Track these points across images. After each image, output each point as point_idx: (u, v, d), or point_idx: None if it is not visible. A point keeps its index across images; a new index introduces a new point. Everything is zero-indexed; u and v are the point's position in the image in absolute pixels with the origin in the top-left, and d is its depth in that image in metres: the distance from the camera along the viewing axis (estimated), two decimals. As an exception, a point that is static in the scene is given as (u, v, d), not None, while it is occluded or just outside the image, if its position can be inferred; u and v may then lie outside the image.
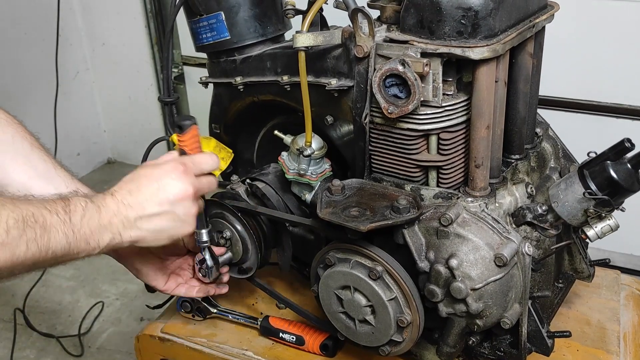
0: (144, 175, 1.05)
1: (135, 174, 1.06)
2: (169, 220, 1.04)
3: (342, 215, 1.11)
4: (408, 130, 1.14)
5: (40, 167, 1.14)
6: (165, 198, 1.03)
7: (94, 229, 0.96)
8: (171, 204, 1.04)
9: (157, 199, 1.03)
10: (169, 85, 1.40)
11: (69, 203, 0.95)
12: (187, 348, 1.39)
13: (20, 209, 0.87)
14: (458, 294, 1.06)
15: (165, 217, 1.04)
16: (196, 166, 1.09)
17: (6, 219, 0.84)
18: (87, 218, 0.95)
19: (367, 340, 1.19)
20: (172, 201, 1.04)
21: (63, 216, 0.92)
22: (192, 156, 1.11)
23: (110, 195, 1.01)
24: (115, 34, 3.33)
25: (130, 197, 1.01)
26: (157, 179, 1.04)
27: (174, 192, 1.04)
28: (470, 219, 1.10)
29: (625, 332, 1.36)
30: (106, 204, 0.99)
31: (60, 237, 0.91)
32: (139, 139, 3.50)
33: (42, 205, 0.91)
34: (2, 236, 0.83)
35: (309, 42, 1.15)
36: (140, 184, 1.03)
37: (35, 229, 0.88)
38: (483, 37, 1.05)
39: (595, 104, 2.29)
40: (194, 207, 1.07)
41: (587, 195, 1.12)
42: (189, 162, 1.08)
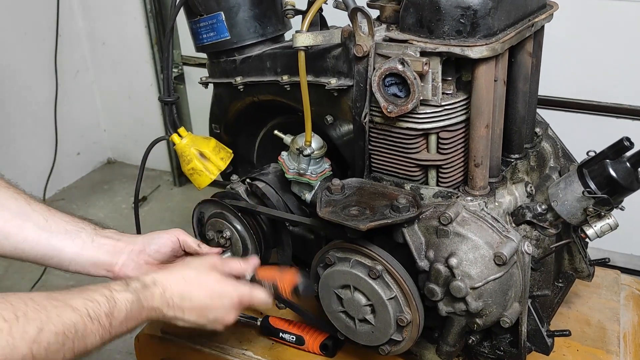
0: (204, 285, 1.09)
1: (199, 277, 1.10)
2: (196, 326, 1.10)
3: (341, 214, 1.11)
4: (407, 130, 1.14)
5: (13, 207, 1.13)
6: (206, 316, 1.09)
7: (131, 327, 1.00)
8: (208, 321, 1.10)
9: (199, 313, 1.08)
10: (169, 85, 1.40)
11: (114, 308, 0.96)
12: (187, 348, 1.39)
13: (63, 320, 0.88)
14: (458, 293, 1.06)
15: (194, 325, 1.09)
16: (251, 304, 1.14)
17: (48, 337, 0.85)
18: (128, 318, 0.98)
19: (367, 340, 1.19)
20: (210, 320, 1.10)
21: (104, 322, 0.94)
22: (253, 294, 1.14)
23: (161, 293, 1.03)
24: (115, 34, 3.33)
25: (179, 301, 1.05)
26: (212, 297, 1.09)
27: (217, 315, 1.10)
28: (470, 218, 1.10)
29: (625, 332, 1.36)
30: (153, 302, 1.02)
31: (96, 340, 0.93)
32: (139, 138, 3.50)
33: (85, 311, 0.91)
34: (41, 355, 0.85)
35: (309, 41, 1.15)
36: (194, 294, 1.07)
37: (74, 341, 0.89)
38: (482, 36, 1.05)
39: (595, 104, 2.29)
40: (222, 328, 1.13)
41: (587, 194, 1.12)
42: (247, 301, 1.13)
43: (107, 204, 3.26)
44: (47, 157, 3.22)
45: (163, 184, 3.43)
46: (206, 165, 1.39)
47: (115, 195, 3.35)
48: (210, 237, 1.35)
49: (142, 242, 1.22)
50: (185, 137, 1.39)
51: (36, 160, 3.16)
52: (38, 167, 3.16)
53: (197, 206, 1.38)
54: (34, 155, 3.15)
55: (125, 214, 3.15)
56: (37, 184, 3.12)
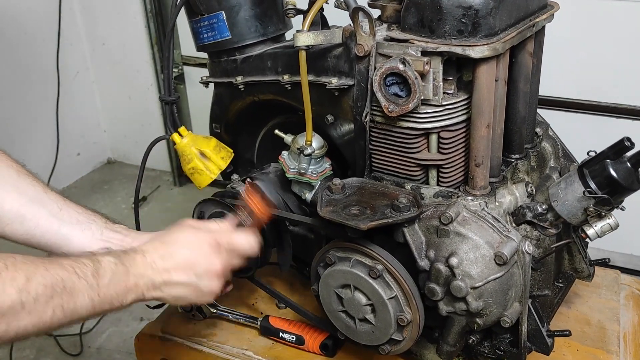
0: (180, 240, 1.09)
1: (173, 236, 1.10)
2: (191, 290, 1.09)
3: (342, 213, 1.11)
4: (408, 129, 1.14)
5: (31, 192, 1.14)
6: (192, 270, 1.07)
7: (120, 292, 0.99)
8: (197, 276, 1.08)
9: (184, 269, 1.07)
10: (169, 84, 1.40)
11: (99, 267, 0.97)
12: (187, 348, 1.39)
13: (51, 274, 0.89)
14: (458, 293, 1.06)
15: (188, 287, 1.08)
16: (231, 247, 1.13)
17: (36, 287, 0.87)
18: (115, 281, 0.98)
19: (367, 339, 1.19)
20: (198, 274, 1.08)
21: (91, 281, 0.94)
22: (231, 236, 1.14)
23: (142, 256, 1.04)
24: (115, 34, 3.33)
25: (160, 262, 1.05)
26: (191, 249, 1.09)
27: (202, 266, 1.08)
28: (471, 218, 1.10)
29: (625, 332, 1.36)
30: (135, 266, 1.02)
31: (86, 301, 0.93)
32: (139, 139, 3.50)
33: (72, 269, 0.93)
34: (30, 304, 0.86)
35: (310, 41, 1.15)
36: (173, 250, 1.07)
37: (63, 296, 0.90)
38: (483, 36, 1.05)
39: (595, 104, 2.29)
40: (218, 283, 1.11)
41: (587, 194, 1.12)
42: (224, 241, 1.12)
43: (107, 204, 3.26)
44: (48, 157, 3.23)
45: (163, 184, 3.44)
46: (207, 164, 1.39)
47: (115, 195, 3.35)
48: (210, 236, 1.35)
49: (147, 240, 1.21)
50: (185, 136, 1.39)
51: (37, 160, 3.16)
52: (39, 167, 3.15)
53: (197, 205, 1.38)
54: (34, 155, 3.15)
55: (125, 214, 3.15)
56: (37, 183, 3.12)
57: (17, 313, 0.84)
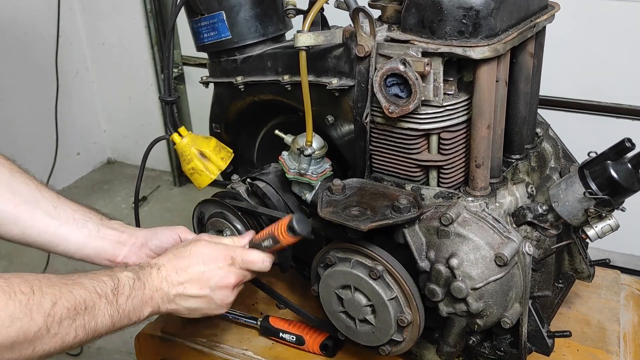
0: (195, 254, 1.11)
1: (188, 249, 1.12)
2: (205, 303, 1.11)
3: (342, 214, 1.11)
4: (409, 130, 1.14)
5: (24, 192, 1.15)
6: (206, 283, 1.10)
7: (137, 306, 1.02)
8: (211, 289, 1.10)
9: (199, 283, 1.09)
10: (169, 84, 1.40)
11: (119, 284, 0.99)
12: (187, 348, 1.39)
13: (74, 295, 0.91)
14: (458, 294, 1.06)
15: (202, 300, 1.10)
16: (245, 264, 1.14)
17: (61, 310, 0.89)
18: (132, 297, 1.01)
19: (367, 340, 1.19)
20: (212, 287, 1.10)
21: (111, 299, 0.97)
22: (245, 252, 1.15)
23: (157, 270, 1.07)
24: (115, 34, 3.33)
25: (175, 275, 1.08)
26: (205, 263, 1.10)
27: (216, 279, 1.10)
28: (471, 219, 1.10)
29: (625, 332, 1.36)
30: (151, 279, 1.05)
31: (106, 319, 0.96)
32: (139, 139, 3.50)
33: (93, 288, 0.95)
34: (54, 328, 0.88)
35: (310, 41, 1.15)
36: (188, 264, 1.09)
37: (85, 317, 0.92)
38: (484, 37, 1.05)
39: (595, 104, 2.29)
40: (232, 296, 1.13)
41: (588, 195, 1.12)
42: (239, 258, 1.13)
43: (107, 204, 3.26)
44: (48, 157, 3.23)
45: (163, 184, 3.44)
46: (206, 164, 1.39)
47: (115, 195, 3.35)
48: (210, 237, 1.35)
49: (144, 236, 1.24)
50: (185, 136, 1.39)
51: (37, 160, 3.16)
52: (38, 167, 3.15)
53: (197, 206, 1.38)
54: (34, 155, 3.15)
55: (125, 214, 3.15)
56: (37, 183, 3.12)
57: (43, 337, 0.86)
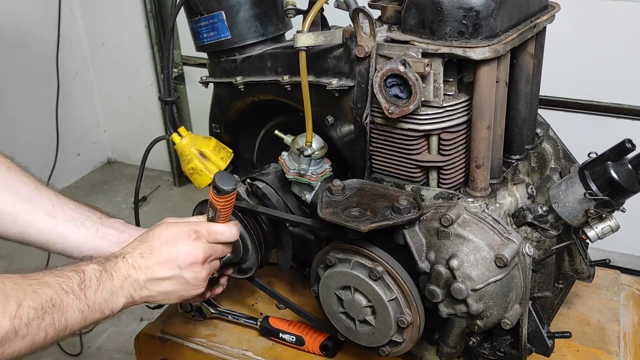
0: (158, 236, 1.09)
1: (151, 233, 1.10)
2: (177, 284, 1.08)
3: (342, 215, 1.11)
4: (409, 131, 1.14)
5: (23, 190, 1.14)
6: (174, 262, 1.07)
7: (108, 298, 1.00)
8: (180, 268, 1.08)
9: (166, 263, 1.07)
10: (169, 84, 1.40)
11: (84, 277, 0.97)
12: (187, 348, 1.39)
13: (39, 295, 0.90)
14: (459, 295, 1.06)
15: (173, 280, 1.08)
16: (211, 235, 1.12)
17: (27, 311, 0.87)
18: (101, 289, 0.99)
19: (367, 341, 1.19)
20: (180, 265, 1.08)
21: (78, 293, 0.95)
22: (209, 225, 1.13)
23: (122, 259, 1.05)
24: (115, 34, 3.33)
25: (141, 260, 1.05)
26: (169, 242, 1.08)
27: (183, 257, 1.08)
28: (471, 220, 1.10)
29: (625, 332, 1.36)
30: (118, 269, 1.03)
31: (76, 314, 0.94)
32: (139, 139, 3.50)
33: (59, 285, 0.93)
34: (22, 330, 0.86)
35: (310, 42, 1.15)
36: (152, 247, 1.07)
37: (53, 315, 0.91)
38: (484, 38, 1.05)
39: (595, 104, 2.29)
40: (204, 271, 1.11)
41: (588, 196, 1.12)
42: (203, 230, 1.11)
43: (107, 204, 3.26)
44: (48, 158, 3.23)
45: (163, 184, 3.44)
46: (206, 164, 1.39)
47: (115, 196, 3.35)
48: (210, 237, 1.35)
49: None
50: (185, 136, 1.39)
51: (37, 160, 3.15)
52: (38, 167, 3.15)
53: (197, 206, 1.38)
54: (34, 156, 3.15)
55: (125, 214, 3.15)
56: (37, 183, 3.12)
57: (11, 340, 0.85)
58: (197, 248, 1.09)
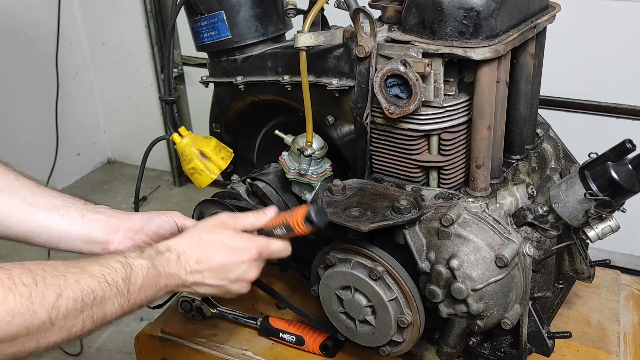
0: (219, 243, 1.06)
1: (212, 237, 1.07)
2: (220, 291, 1.08)
3: (342, 215, 1.11)
4: (409, 131, 1.14)
5: (2, 182, 1.10)
6: (226, 275, 1.06)
7: (150, 295, 0.98)
8: (230, 281, 1.07)
9: (219, 274, 1.05)
10: (169, 84, 1.40)
11: (131, 273, 0.94)
12: (187, 348, 1.39)
13: (81, 286, 0.87)
14: (459, 295, 1.06)
15: (219, 289, 1.07)
16: (271, 255, 1.11)
17: (66, 302, 0.84)
18: (146, 287, 0.96)
19: (367, 341, 1.19)
20: (231, 280, 1.07)
21: (122, 288, 0.92)
22: (269, 244, 1.11)
23: (176, 258, 1.02)
24: (115, 34, 3.33)
25: (195, 265, 1.03)
26: (229, 255, 1.06)
27: (238, 273, 1.07)
28: (471, 220, 1.10)
29: (625, 332, 1.36)
30: (169, 267, 1.00)
31: (115, 308, 0.92)
32: (139, 139, 3.50)
33: (103, 277, 0.90)
34: (60, 321, 0.83)
35: (310, 41, 1.15)
36: (210, 254, 1.05)
37: (93, 307, 0.88)
38: (485, 38, 1.05)
39: (595, 104, 2.29)
40: (249, 287, 1.10)
41: (588, 196, 1.12)
42: (265, 252, 1.10)
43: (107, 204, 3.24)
44: (48, 158, 3.22)
45: (163, 184, 3.43)
46: (207, 164, 1.39)
47: (115, 195, 3.35)
48: (210, 237, 1.35)
49: (140, 221, 1.19)
50: (185, 136, 1.39)
51: (37, 160, 3.15)
52: (38, 167, 3.15)
53: (197, 206, 1.38)
54: (34, 156, 3.15)
55: (125, 213, 3.15)
56: (37, 183, 3.12)
57: (47, 330, 0.83)
58: (253, 268, 1.08)
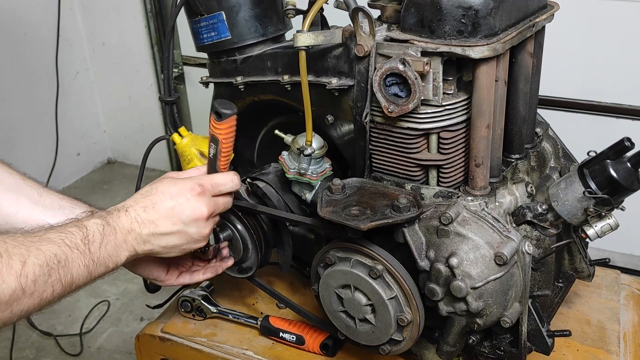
0: (161, 191, 1.07)
1: (153, 187, 1.08)
2: (181, 238, 1.08)
3: (342, 214, 1.11)
4: (408, 130, 1.14)
5: (8, 180, 1.13)
6: (178, 218, 1.06)
7: (112, 252, 0.99)
8: (184, 223, 1.07)
9: (170, 218, 1.06)
10: (169, 84, 1.40)
11: (87, 232, 0.97)
12: (187, 348, 1.39)
13: (43, 252, 0.89)
14: (458, 293, 1.06)
15: (177, 235, 1.07)
16: (214, 188, 1.11)
17: (32, 269, 0.87)
18: (105, 243, 0.98)
19: (367, 339, 1.19)
20: (185, 221, 1.07)
21: (83, 248, 0.95)
22: (212, 177, 1.12)
23: (125, 212, 1.04)
24: (115, 34, 3.33)
25: (144, 214, 1.04)
26: (173, 197, 1.07)
27: (188, 212, 1.07)
28: (471, 218, 1.10)
29: (625, 332, 1.36)
30: (121, 222, 1.02)
31: (82, 269, 0.94)
32: (139, 139, 3.50)
33: (62, 241, 0.93)
34: (30, 287, 0.86)
35: (310, 41, 1.15)
36: (155, 201, 1.06)
37: (59, 270, 0.90)
38: (483, 36, 1.05)
39: (595, 104, 2.29)
40: (208, 227, 1.10)
41: (587, 194, 1.12)
42: (207, 184, 1.10)
43: (107, 204, 3.23)
44: (48, 158, 3.23)
45: (163, 184, 3.44)
46: (207, 165, 1.39)
47: (115, 196, 3.35)
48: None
49: None
50: (185, 136, 1.39)
51: (37, 160, 3.16)
52: (38, 167, 3.16)
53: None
54: (34, 156, 3.15)
55: (125, 214, 3.15)
56: (37, 183, 3.13)
57: (19, 298, 0.85)
58: (201, 203, 1.08)
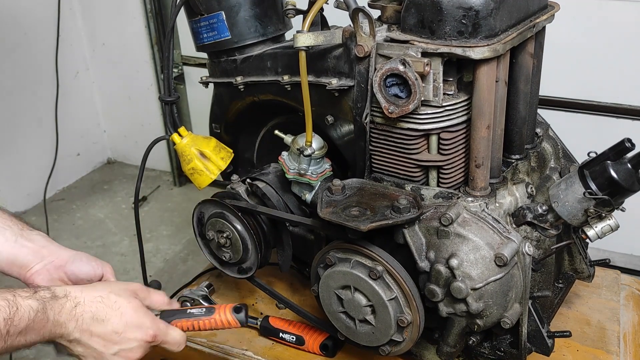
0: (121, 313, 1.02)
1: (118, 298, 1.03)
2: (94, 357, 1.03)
3: (342, 214, 1.11)
4: (408, 130, 1.14)
5: None
6: (112, 346, 1.02)
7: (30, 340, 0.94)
8: (111, 353, 1.02)
9: (106, 342, 1.01)
10: (169, 84, 1.40)
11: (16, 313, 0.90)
12: (186, 348, 1.38)
13: None
14: (458, 294, 1.06)
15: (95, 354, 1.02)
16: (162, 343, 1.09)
17: None
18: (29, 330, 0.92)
19: (367, 340, 1.19)
20: (114, 352, 1.02)
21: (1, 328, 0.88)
22: (169, 334, 1.09)
23: (72, 308, 0.98)
24: (115, 34, 3.33)
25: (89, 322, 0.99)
26: (126, 330, 1.02)
27: (123, 348, 1.03)
28: (471, 219, 1.10)
29: (625, 332, 1.36)
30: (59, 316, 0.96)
31: None
32: (139, 139, 3.50)
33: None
34: None
35: (310, 41, 1.15)
36: (109, 317, 1.01)
37: None
38: (484, 37, 1.05)
39: (595, 104, 2.29)
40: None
41: (588, 195, 1.12)
42: (160, 338, 1.07)
43: (107, 204, 3.26)
44: (48, 158, 3.22)
45: (163, 184, 3.43)
46: (207, 165, 1.39)
47: (115, 196, 3.35)
48: (210, 237, 1.35)
49: (66, 258, 1.17)
50: (185, 136, 1.39)
51: (37, 160, 3.15)
52: (38, 167, 3.15)
53: (197, 206, 1.38)
54: (34, 156, 3.15)
55: (125, 214, 3.15)
56: (38, 184, 3.12)
57: None
58: (140, 350, 1.05)
